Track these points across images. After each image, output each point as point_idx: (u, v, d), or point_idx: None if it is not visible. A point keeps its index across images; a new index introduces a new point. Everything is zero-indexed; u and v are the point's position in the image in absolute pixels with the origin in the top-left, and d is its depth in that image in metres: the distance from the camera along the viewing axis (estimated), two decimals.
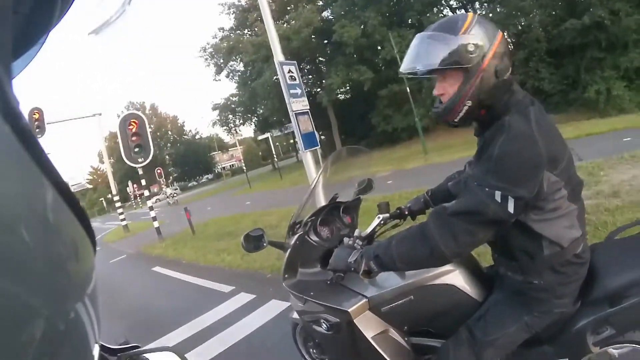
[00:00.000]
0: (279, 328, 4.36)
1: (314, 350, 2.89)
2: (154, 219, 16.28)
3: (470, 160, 1.96)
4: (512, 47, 27.72)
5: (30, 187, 0.35)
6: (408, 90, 22.11)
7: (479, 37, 1.59)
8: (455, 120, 1.69)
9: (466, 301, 2.02)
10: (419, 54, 1.66)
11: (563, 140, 1.68)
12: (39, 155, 0.35)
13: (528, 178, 1.51)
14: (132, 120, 14.66)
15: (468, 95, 1.62)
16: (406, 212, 2.51)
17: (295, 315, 2.62)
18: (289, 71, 6.64)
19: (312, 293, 2.22)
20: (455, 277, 2.02)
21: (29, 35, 0.50)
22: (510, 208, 1.50)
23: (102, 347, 0.85)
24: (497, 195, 1.50)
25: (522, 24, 26.43)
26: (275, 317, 4.82)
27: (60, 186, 0.38)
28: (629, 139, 11.27)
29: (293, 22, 30.73)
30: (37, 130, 15.59)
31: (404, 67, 1.72)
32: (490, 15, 26.98)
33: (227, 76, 40.80)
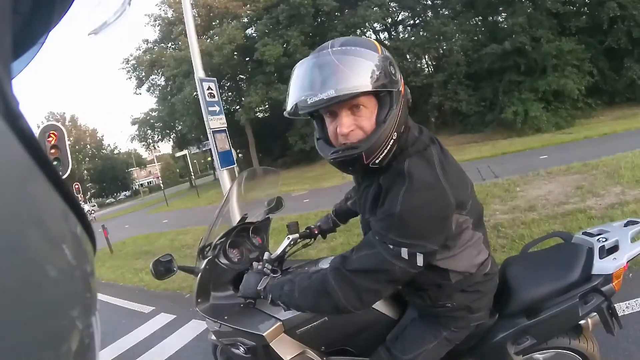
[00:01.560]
0: (200, 349, 4.30)
1: None
2: None
3: (358, 198, 1.73)
4: (432, 69, 28.97)
5: (30, 187, 0.34)
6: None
7: (392, 59, 1.43)
8: (377, 161, 1.41)
9: (381, 319, 2.03)
10: (330, 75, 1.31)
11: (464, 173, 1.57)
12: (39, 155, 0.35)
13: (437, 231, 1.39)
14: (51, 132, 13.88)
15: (395, 125, 1.38)
16: (316, 232, 2.51)
17: (213, 337, 2.56)
18: (209, 88, 6.59)
19: (226, 317, 2.18)
20: None
21: (29, 35, 0.50)
22: (420, 262, 1.37)
23: None
24: (404, 252, 1.34)
25: (444, 47, 27.53)
26: (196, 338, 4.73)
27: (60, 186, 0.38)
28: (545, 156, 11.96)
29: (216, 37, 30.37)
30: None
31: (302, 93, 1.37)
32: (412, 39, 28.17)
33: (148, 90, 39.38)
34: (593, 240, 1.96)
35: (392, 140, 1.39)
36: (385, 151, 1.39)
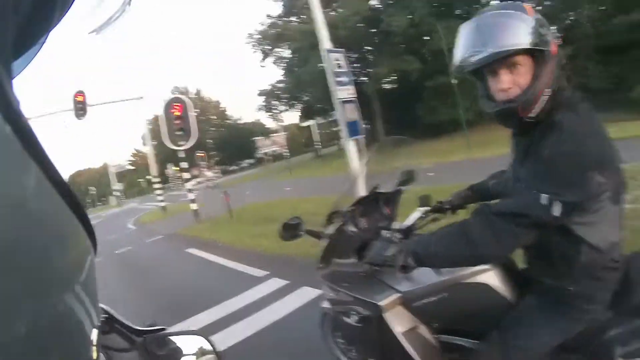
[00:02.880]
0: (307, 316, 4.33)
1: (342, 341, 2.87)
2: (193, 201, 16.52)
3: (513, 163, 1.85)
4: (561, 42, 27.10)
5: (30, 186, 0.35)
6: (454, 82, 21.80)
7: (544, 22, 1.52)
8: (532, 115, 1.53)
9: (499, 302, 1.97)
10: (492, 35, 1.48)
11: (609, 138, 1.59)
12: (39, 155, 0.35)
13: (580, 182, 1.43)
14: (174, 105, 15.04)
15: (549, 82, 1.49)
16: (447, 207, 2.45)
17: (326, 304, 2.61)
18: (336, 59, 6.62)
19: (345, 284, 2.21)
20: (490, 276, 1.97)
21: (29, 35, 0.50)
22: (557, 212, 1.41)
23: (129, 329, 0.87)
24: (544, 198, 1.41)
25: (571, 18, 25.93)
26: (305, 305, 4.82)
27: (61, 186, 0.39)
28: None
29: (341, 10, 30.60)
30: (81, 112, 16.16)
31: (466, 52, 1.54)
32: (540, 8, 26.36)
33: (274, 63, 41.02)
34: None
35: (546, 96, 1.49)
36: (540, 106, 1.50)
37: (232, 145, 72.52)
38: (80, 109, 16.25)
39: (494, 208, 1.58)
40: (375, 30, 30.68)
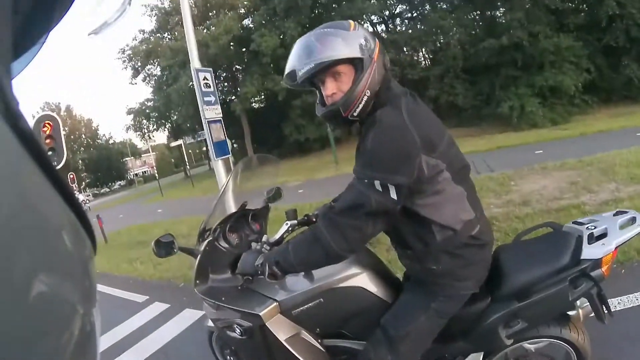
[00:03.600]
0: (195, 337, 4.30)
1: (231, 358, 2.86)
2: None
3: None
4: (429, 63, 28.97)
5: (30, 186, 0.35)
6: None
7: (366, 34, 1.69)
8: (355, 113, 1.69)
9: (376, 303, 2.06)
10: (315, 50, 1.63)
11: (440, 124, 1.78)
12: (39, 155, 0.35)
13: (403, 164, 1.55)
14: (46, 122, 13.84)
15: (366, 85, 1.65)
16: (313, 219, 2.52)
17: (210, 322, 2.58)
18: (204, 78, 6.56)
19: (223, 298, 2.20)
20: (362, 279, 2.06)
21: (29, 35, 0.50)
22: (393, 195, 1.56)
23: None
24: (377, 184, 1.55)
25: (441, 41, 27.68)
26: (190, 327, 4.73)
27: (60, 186, 0.39)
28: (540, 151, 12.01)
29: (213, 28, 30.25)
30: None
31: (294, 65, 1.69)
32: (410, 32, 28.23)
33: (144, 80, 39.19)
34: (582, 228, 1.98)
35: (366, 97, 1.67)
36: (361, 105, 1.67)
37: (102, 166, 68.69)
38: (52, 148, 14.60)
39: (334, 207, 1.70)
40: (245, 49, 30.70)
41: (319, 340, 2.20)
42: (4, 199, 0.31)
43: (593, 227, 1.95)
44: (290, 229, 2.37)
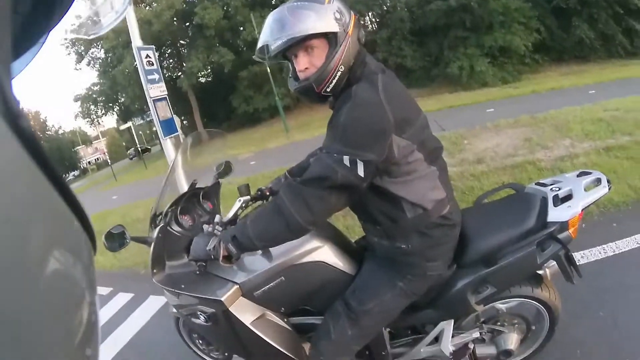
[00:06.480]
0: (162, 324, 4.28)
1: (201, 342, 2.85)
2: None
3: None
4: (375, 26, 28.95)
5: (30, 187, 0.35)
6: (269, 70, 22.23)
7: (341, 7, 1.65)
8: (328, 89, 1.67)
9: (339, 276, 2.05)
10: (287, 24, 1.60)
11: (416, 105, 1.75)
12: (39, 155, 0.35)
13: (375, 142, 1.54)
14: None
15: (340, 60, 1.62)
16: (267, 193, 2.50)
17: (173, 309, 2.54)
18: (147, 56, 6.34)
19: (182, 286, 2.13)
20: (324, 253, 2.04)
21: (29, 35, 0.49)
22: (360, 171, 1.53)
23: None
24: (346, 160, 1.53)
25: (387, 4, 27.69)
26: (157, 313, 4.69)
27: (61, 186, 0.39)
28: (492, 110, 12.19)
29: (155, 4, 29.50)
30: None
31: (266, 40, 1.67)
32: None
33: (88, 64, 37.99)
34: (546, 190, 2.00)
35: (340, 72, 1.64)
36: (334, 81, 1.65)
37: (54, 158, 64.17)
38: None
39: (300, 178, 1.65)
40: (188, 24, 30.14)
41: (285, 320, 2.18)
42: (4, 199, 0.31)
43: (557, 189, 1.97)
44: (243, 205, 2.34)
